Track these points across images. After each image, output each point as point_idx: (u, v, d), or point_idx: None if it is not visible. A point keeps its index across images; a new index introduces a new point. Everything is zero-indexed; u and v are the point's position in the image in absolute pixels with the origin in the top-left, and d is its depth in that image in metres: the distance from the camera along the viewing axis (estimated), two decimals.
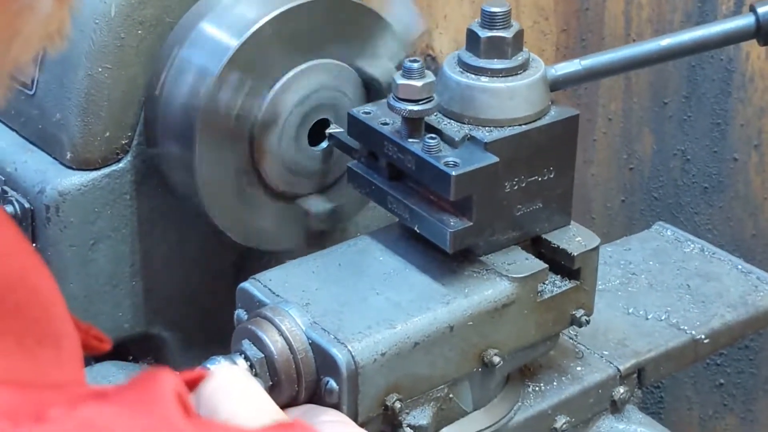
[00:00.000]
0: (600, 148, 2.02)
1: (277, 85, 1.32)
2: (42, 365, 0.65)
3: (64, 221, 1.34)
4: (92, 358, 1.40)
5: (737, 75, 1.81)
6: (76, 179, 1.34)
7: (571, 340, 1.39)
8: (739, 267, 1.53)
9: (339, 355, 1.12)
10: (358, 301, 1.19)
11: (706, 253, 1.56)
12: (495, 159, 1.19)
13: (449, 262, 1.23)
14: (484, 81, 1.22)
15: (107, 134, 1.34)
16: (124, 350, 1.48)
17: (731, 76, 1.81)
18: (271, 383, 1.13)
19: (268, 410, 1.01)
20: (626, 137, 1.98)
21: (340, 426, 1.08)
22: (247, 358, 1.14)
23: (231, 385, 1.02)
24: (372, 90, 1.39)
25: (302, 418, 1.10)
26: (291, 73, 1.33)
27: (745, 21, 1.27)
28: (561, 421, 1.32)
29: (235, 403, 1.00)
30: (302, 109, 1.34)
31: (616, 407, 1.37)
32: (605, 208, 2.04)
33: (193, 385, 0.74)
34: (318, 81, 1.35)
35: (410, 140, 1.21)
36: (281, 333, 1.14)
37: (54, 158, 1.36)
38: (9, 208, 1.37)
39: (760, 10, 1.26)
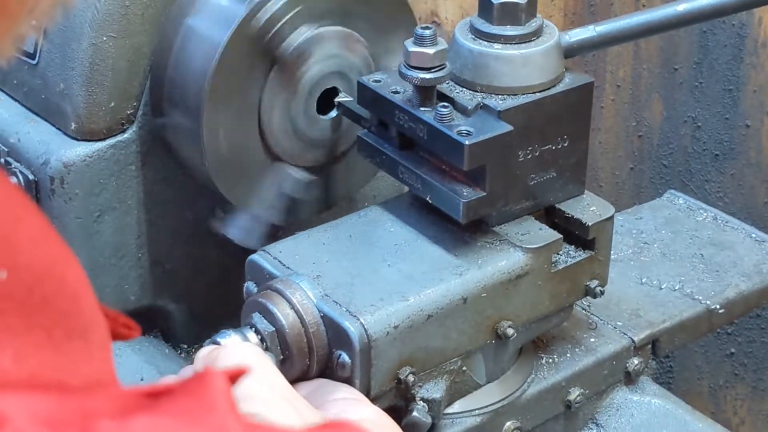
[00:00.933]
0: (608, 115, 1.99)
1: (285, 53, 1.30)
2: (71, 359, 0.63)
3: (69, 193, 1.32)
4: None
5: (749, 40, 1.78)
6: (81, 150, 1.32)
7: (584, 311, 1.38)
8: (753, 236, 1.52)
9: (351, 328, 1.11)
10: (369, 272, 1.17)
11: (719, 221, 1.54)
12: (509, 128, 1.17)
13: (462, 232, 1.22)
14: (497, 48, 1.20)
15: (112, 104, 1.31)
16: None
17: (743, 42, 1.78)
18: (282, 357, 1.12)
19: (281, 389, 1.00)
20: (635, 104, 1.95)
21: (353, 404, 1.06)
22: (257, 332, 1.12)
23: (244, 362, 1.01)
24: None
25: (314, 395, 1.08)
26: (299, 41, 1.30)
27: None
28: (575, 393, 1.31)
29: (248, 382, 0.98)
30: (311, 77, 1.32)
31: (630, 378, 1.36)
32: (613, 176, 2.02)
33: (235, 380, 0.72)
34: (327, 49, 1.32)
35: (422, 109, 1.18)
36: (292, 306, 1.12)
37: (58, 129, 1.34)
38: (13, 180, 1.34)
39: None
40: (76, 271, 0.67)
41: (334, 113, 1.35)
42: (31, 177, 1.33)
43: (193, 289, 1.45)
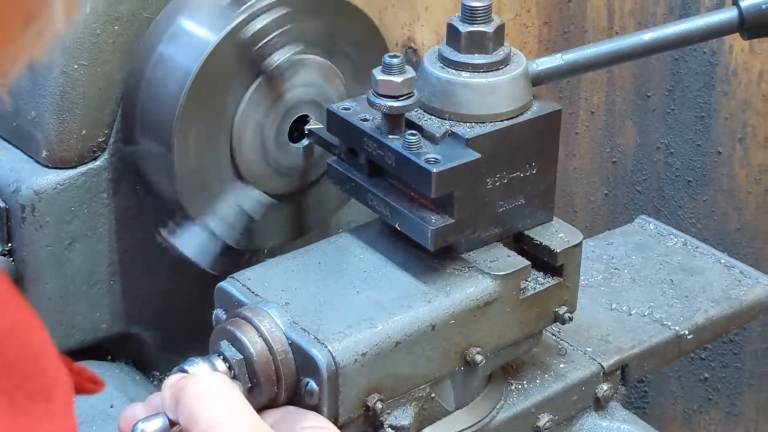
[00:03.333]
0: (582, 141, 2.00)
1: (257, 81, 1.31)
2: (34, 421, 0.64)
3: (40, 221, 1.32)
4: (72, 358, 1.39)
5: (720, 68, 1.79)
6: (52, 178, 1.32)
7: (554, 337, 1.38)
8: (722, 261, 1.52)
9: (319, 355, 1.11)
10: (338, 299, 1.17)
11: (689, 247, 1.55)
12: (476, 155, 1.18)
13: (430, 259, 1.22)
14: (464, 76, 1.21)
15: (83, 132, 1.32)
16: (103, 350, 1.46)
17: (714, 69, 1.80)
18: (249, 385, 1.12)
19: (248, 419, 1.00)
20: (609, 130, 1.97)
21: None
22: (225, 360, 1.12)
23: (211, 392, 1.01)
24: None
25: (282, 423, 1.08)
26: (284, 59, 1.31)
27: (729, 14, 1.26)
28: (544, 419, 1.31)
29: (216, 412, 0.99)
30: (283, 105, 1.33)
31: (599, 404, 1.36)
32: (588, 202, 2.03)
33: None
34: (307, 76, 1.33)
35: (390, 136, 1.19)
36: (260, 334, 1.13)
37: (29, 156, 1.34)
38: None
39: (743, 3, 1.25)
40: (39, 333, 0.68)
41: (305, 141, 1.36)
42: (2, 205, 1.33)
43: (165, 317, 1.45)
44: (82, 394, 0.78)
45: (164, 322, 1.46)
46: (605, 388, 1.35)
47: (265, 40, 1.29)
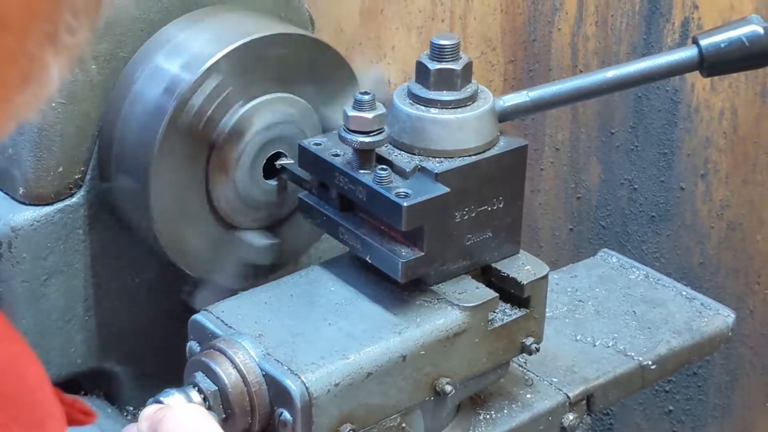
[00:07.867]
0: (547, 177, 2.04)
1: (232, 121, 1.33)
2: None
3: (17, 257, 1.34)
4: None
5: (683, 105, 1.83)
6: (29, 214, 1.34)
7: (520, 368, 1.41)
8: (684, 293, 1.56)
9: (293, 386, 1.13)
10: (310, 331, 1.20)
11: (651, 279, 1.58)
12: (446, 189, 1.21)
13: (401, 291, 1.25)
14: (433, 112, 1.24)
15: (60, 169, 1.34)
16: (76, 385, 1.47)
17: (677, 107, 1.84)
18: (224, 416, 1.14)
19: None
20: (574, 166, 2.00)
21: None
22: (200, 391, 1.14)
23: (189, 423, 1.03)
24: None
25: None
26: (245, 108, 1.33)
27: (689, 53, 1.30)
28: None
29: None
30: (257, 143, 1.35)
31: None
32: (553, 237, 2.06)
33: None
34: (274, 116, 1.36)
35: (361, 171, 1.22)
36: (235, 365, 1.15)
37: (6, 193, 1.36)
38: None
39: (703, 42, 1.29)
40: (35, 367, 0.70)
41: (278, 177, 1.38)
42: None
43: (139, 351, 1.47)
44: (74, 425, 0.80)
45: (138, 356, 1.47)
46: (571, 417, 1.38)
47: (207, 115, 1.31)
